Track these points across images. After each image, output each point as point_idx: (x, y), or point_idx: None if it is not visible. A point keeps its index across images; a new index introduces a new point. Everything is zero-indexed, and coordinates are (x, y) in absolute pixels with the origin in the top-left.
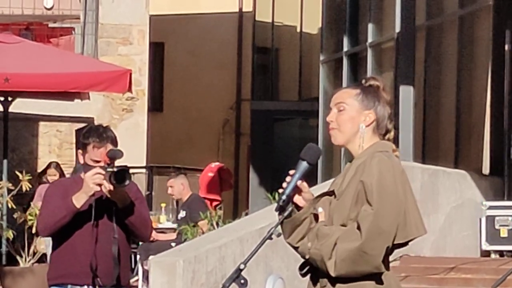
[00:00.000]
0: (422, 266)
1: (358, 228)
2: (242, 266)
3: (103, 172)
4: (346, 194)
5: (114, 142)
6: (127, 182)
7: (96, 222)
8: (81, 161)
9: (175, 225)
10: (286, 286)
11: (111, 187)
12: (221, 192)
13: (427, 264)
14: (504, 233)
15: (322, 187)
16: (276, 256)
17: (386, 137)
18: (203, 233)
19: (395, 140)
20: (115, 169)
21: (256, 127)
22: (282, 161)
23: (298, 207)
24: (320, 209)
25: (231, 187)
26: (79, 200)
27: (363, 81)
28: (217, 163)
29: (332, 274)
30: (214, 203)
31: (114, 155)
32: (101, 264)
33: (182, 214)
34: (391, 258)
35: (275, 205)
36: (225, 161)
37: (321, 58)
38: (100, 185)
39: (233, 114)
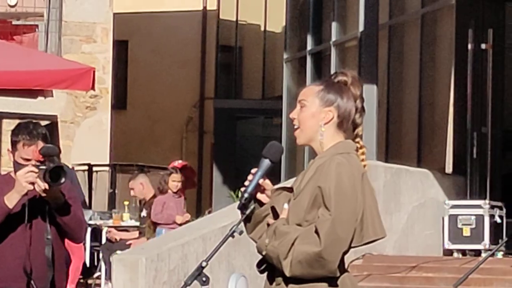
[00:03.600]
0: (384, 264)
1: (316, 232)
2: (204, 264)
3: (36, 170)
4: (303, 195)
5: (45, 139)
6: (62, 180)
7: (30, 223)
8: (11, 159)
9: (138, 223)
10: (248, 284)
11: (46, 186)
12: (185, 190)
13: (390, 262)
14: (466, 232)
15: (286, 185)
16: (239, 254)
17: (355, 131)
18: None
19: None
20: (51, 166)
21: (219, 125)
22: (245, 160)
23: (261, 204)
24: (285, 205)
25: (195, 186)
26: (11, 200)
27: (333, 76)
28: (180, 161)
29: (287, 274)
30: None
31: (47, 152)
32: (36, 267)
33: (144, 213)
34: (354, 257)
35: (238, 203)
36: (188, 159)
37: (285, 56)
38: (33, 183)
39: (197, 112)
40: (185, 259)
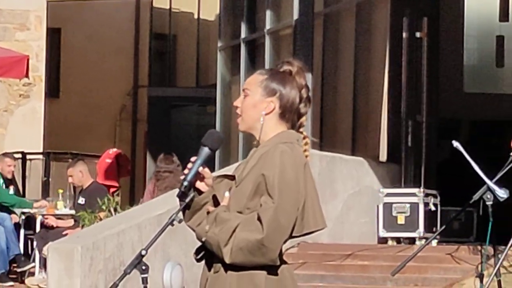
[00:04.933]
0: (319, 253)
1: (259, 219)
2: (143, 252)
3: None
4: (246, 183)
5: None
6: None
7: None
8: None
9: (72, 211)
10: (184, 273)
11: None
12: (119, 178)
13: (325, 251)
14: (401, 220)
15: (223, 172)
16: (175, 243)
17: (300, 121)
18: (100, 219)
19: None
20: None
21: (153, 113)
22: (179, 148)
23: (200, 193)
24: (227, 193)
25: (129, 174)
26: None
27: (278, 66)
28: (115, 150)
29: (227, 261)
30: (112, 190)
31: None
32: None
33: (82, 201)
34: (289, 245)
35: (175, 191)
36: (122, 147)
37: (219, 44)
38: None
39: (130, 100)
40: (121, 248)
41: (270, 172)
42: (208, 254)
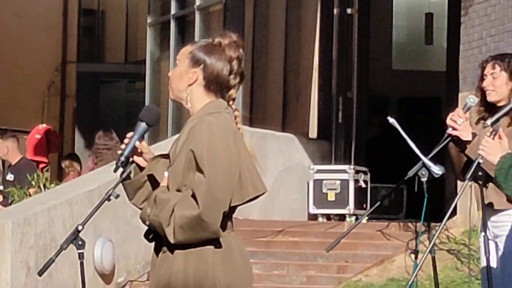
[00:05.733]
0: (250, 229)
1: (193, 196)
2: (80, 228)
3: None
4: (179, 160)
5: None
6: None
7: None
8: None
9: (0, 187)
10: (115, 249)
11: None
12: (48, 154)
13: (255, 227)
14: (331, 196)
15: (158, 146)
16: (106, 219)
17: (229, 94)
18: (30, 195)
19: None
20: None
21: (81, 89)
22: (108, 124)
23: (141, 169)
24: (166, 173)
25: (58, 150)
26: None
27: (212, 37)
28: (44, 125)
29: (171, 240)
30: (41, 166)
31: None
32: None
33: (10, 177)
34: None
35: (105, 167)
36: (50, 123)
37: (149, 20)
38: None
39: (59, 76)
40: (52, 223)
41: (198, 146)
42: (156, 237)
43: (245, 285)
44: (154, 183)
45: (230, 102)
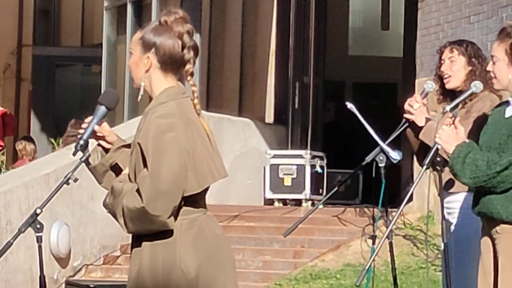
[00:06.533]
0: None
1: (138, 190)
2: (38, 211)
3: None
4: (133, 150)
5: None
6: None
7: None
8: None
9: None
10: (71, 232)
11: None
12: (4, 137)
13: (212, 211)
14: (287, 182)
15: (117, 129)
16: (62, 202)
17: (186, 68)
18: None
19: None
20: None
21: (37, 72)
22: (64, 108)
23: (106, 151)
24: (126, 170)
25: (14, 133)
26: None
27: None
28: (1, 108)
29: (126, 231)
30: None
31: None
32: None
33: None
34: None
35: (61, 151)
36: (6, 106)
37: (105, 4)
38: None
39: (14, 59)
40: (8, 207)
41: (144, 139)
42: None
43: (220, 267)
44: (117, 171)
45: (188, 78)
